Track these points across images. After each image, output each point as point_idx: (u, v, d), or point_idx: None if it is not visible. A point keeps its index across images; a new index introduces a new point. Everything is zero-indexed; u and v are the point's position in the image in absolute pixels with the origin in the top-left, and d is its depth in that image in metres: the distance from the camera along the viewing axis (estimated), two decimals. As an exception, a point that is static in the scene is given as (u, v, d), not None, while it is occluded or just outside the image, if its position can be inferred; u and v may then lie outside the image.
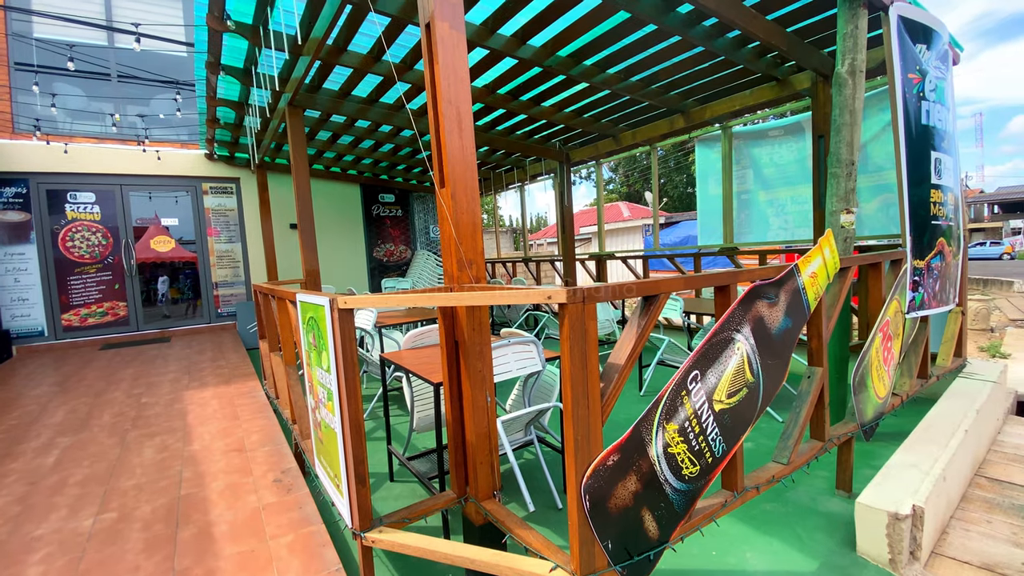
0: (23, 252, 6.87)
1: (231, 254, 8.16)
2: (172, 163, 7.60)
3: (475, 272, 1.93)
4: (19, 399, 4.61)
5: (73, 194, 7.13)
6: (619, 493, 1.55)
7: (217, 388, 4.66)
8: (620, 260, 7.17)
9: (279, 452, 3.15)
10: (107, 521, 2.41)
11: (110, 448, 3.32)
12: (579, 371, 1.40)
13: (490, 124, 5.91)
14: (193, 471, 2.91)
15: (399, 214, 9.56)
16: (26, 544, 2.25)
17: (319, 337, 2.00)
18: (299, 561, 2.04)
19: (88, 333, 7.24)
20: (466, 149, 1.92)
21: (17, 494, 2.73)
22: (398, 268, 9.58)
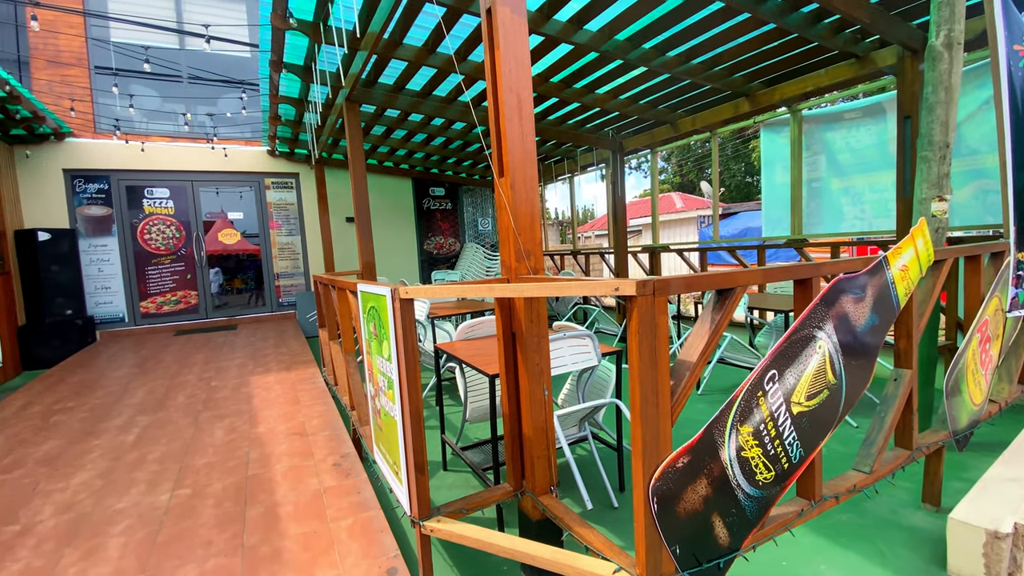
0: (106, 244, 7.45)
1: (291, 246, 8.52)
2: (237, 159, 8.01)
3: (533, 263, 1.89)
4: (103, 380, 5.01)
5: (150, 190, 7.66)
6: (689, 497, 1.47)
7: (279, 374, 4.88)
8: (676, 253, 6.92)
9: (338, 437, 3.25)
10: (182, 497, 2.56)
11: (184, 428, 3.53)
12: (648, 368, 1.33)
13: (542, 114, 5.83)
14: (259, 452, 3.05)
15: (448, 207, 9.66)
16: (108, 516, 2.42)
17: (380, 326, 2.02)
18: (359, 545, 2.08)
19: (163, 320, 7.78)
20: (526, 138, 1.87)
21: (101, 468, 2.95)
22: (447, 261, 9.70)
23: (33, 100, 5.67)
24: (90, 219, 7.34)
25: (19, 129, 6.22)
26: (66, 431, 3.56)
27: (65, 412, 4.00)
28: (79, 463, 3.01)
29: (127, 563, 2.04)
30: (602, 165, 7.82)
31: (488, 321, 3.57)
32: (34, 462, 3.06)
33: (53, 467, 2.98)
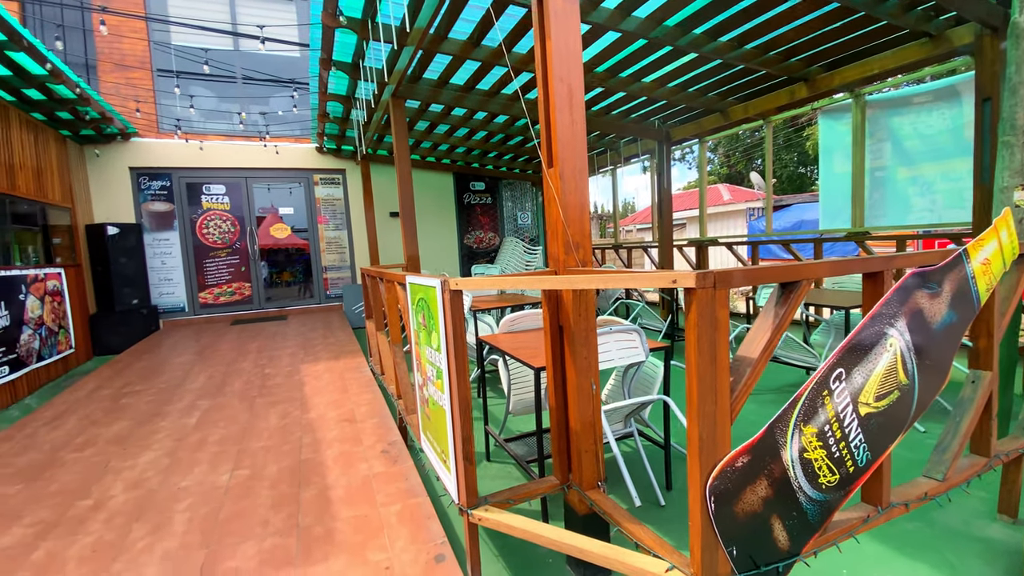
0: (168, 238, 7.90)
1: (338, 240, 8.79)
2: (288, 157, 8.31)
3: (582, 255, 1.86)
4: (166, 366, 5.32)
5: (207, 186, 8.06)
6: (747, 498, 1.41)
7: (328, 363, 5.04)
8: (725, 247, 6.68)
9: (385, 424, 3.33)
10: (241, 477, 2.69)
11: (241, 412, 3.71)
12: (707, 363, 1.28)
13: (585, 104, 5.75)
14: (311, 437, 3.17)
15: (488, 201, 9.70)
16: (174, 494, 2.57)
17: (429, 317, 2.05)
18: (407, 530, 2.13)
19: (220, 310, 8.20)
20: (576, 128, 1.84)
21: (166, 448, 3.13)
22: (487, 255, 9.75)
23: (101, 102, 6.05)
24: (154, 214, 7.80)
25: (88, 130, 6.66)
26: (134, 413, 3.81)
27: (133, 395, 4.28)
28: (146, 443, 3.22)
29: (191, 538, 2.16)
30: (646, 156, 7.64)
31: (531, 315, 3.57)
32: (105, 441, 3.29)
33: (123, 446, 3.20)
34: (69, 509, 2.43)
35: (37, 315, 5.26)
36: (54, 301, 5.67)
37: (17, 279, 4.96)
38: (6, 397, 4.59)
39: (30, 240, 5.76)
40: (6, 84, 4.75)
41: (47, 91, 5.10)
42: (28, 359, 4.99)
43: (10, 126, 5.20)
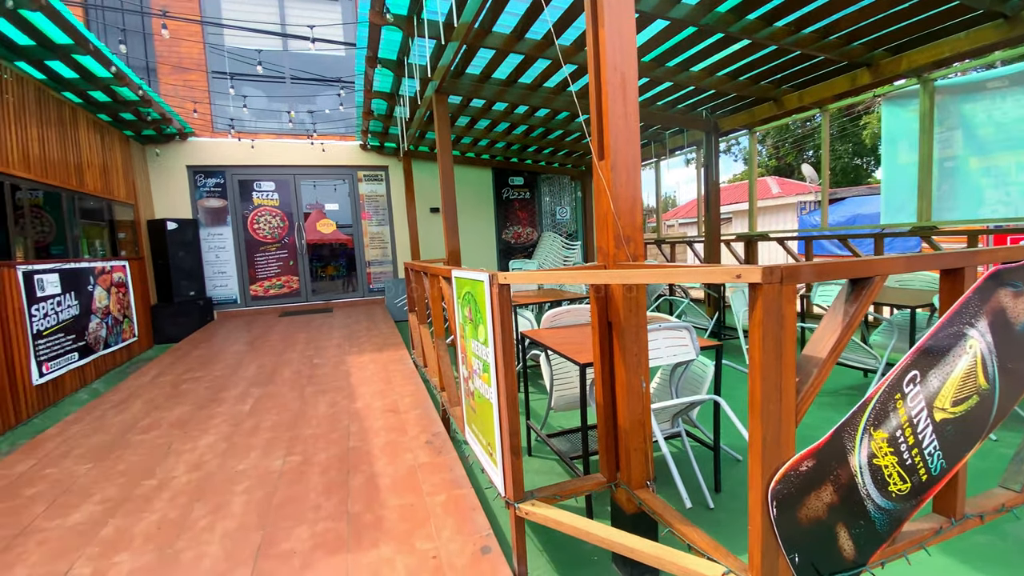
0: (221, 233, 8.27)
1: (381, 236, 8.98)
2: (333, 154, 8.54)
3: (633, 249, 1.81)
4: (221, 355, 5.58)
5: (258, 183, 8.38)
6: (811, 503, 1.35)
7: (372, 355, 5.16)
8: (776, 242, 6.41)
9: (428, 416, 3.38)
10: (293, 463, 2.79)
11: (292, 401, 3.85)
12: (772, 362, 1.23)
13: (628, 98, 5.64)
14: (358, 426, 3.25)
15: (527, 196, 9.68)
16: (231, 476, 2.68)
17: (476, 311, 2.06)
18: (453, 520, 2.15)
19: (269, 302, 8.53)
20: (629, 118, 1.79)
21: (223, 433, 3.28)
22: (524, 250, 9.74)
23: (161, 103, 6.37)
24: (209, 210, 8.18)
25: (150, 130, 7.04)
26: (193, 398, 4.01)
27: (192, 381, 4.51)
28: (204, 427, 3.38)
29: (248, 520, 2.25)
30: (691, 148, 7.42)
31: (573, 310, 3.53)
32: (167, 424, 3.48)
33: (183, 430, 3.37)
34: (135, 488, 2.58)
35: (104, 305, 5.62)
36: (119, 292, 6.04)
37: (86, 271, 5.31)
38: (76, 381, 4.93)
39: (97, 234, 6.15)
40: (74, 87, 5.07)
41: (111, 93, 5.41)
42: (96, 346, 5.34)
43: (78, 127, 5.56)
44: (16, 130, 4.35)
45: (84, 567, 1.96)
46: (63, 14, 3.74)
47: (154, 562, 1.98)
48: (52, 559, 2.01)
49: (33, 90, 4.66)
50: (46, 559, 2.02)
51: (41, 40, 4.06)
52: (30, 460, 2.98)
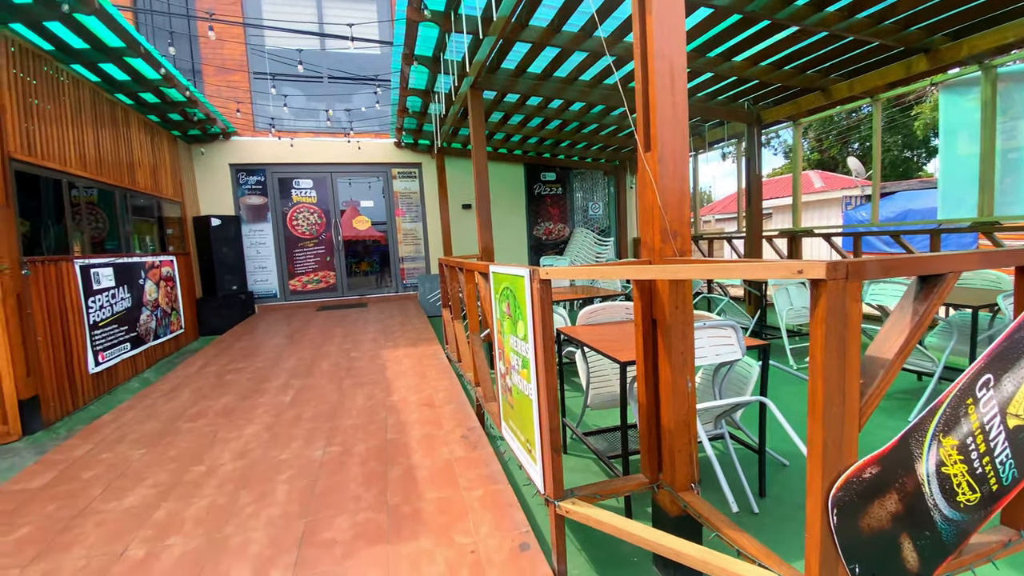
0: (262, 229, 8.53)
1: (414, 232, 9.09)
2: (369, 152, 8.68)
3: (680, 245, 1.76)
4: (262, 347, 5.75)
5: (297, 181, 8.60)
6: (874, 512, 1.28)
7: (407, 349, 5.23)
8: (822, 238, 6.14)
9: (463, 410, 3.39)
10: (333, 453, 2.85)
11: (331, 393, 3.93)
12: (835, 363, 1.16)
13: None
14: (395, 419, 3.29)
15: (558, 192, 9.61)
16: (274, 465, 2.75)
17: (515, 307, 2.04)
18: (491, 516, 2.14)
19: (307, 296, 8.76)
20: (678, 108, 1.74)
21: (266, 423, 3.38)
22: (556, 246, 9.68)
23: (207, 103, 6.60)
24: (250, 207, 8.45)
25: (195, 130, 7.31)
26: (237, 389, 4.15)
27: (235, 372, 4.66)
28: (248, 417, 3.49)
29: (292, 508, 2.31)
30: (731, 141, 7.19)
31: (608, 307, 3.48)
32: (214, 413, 3.61)
33: (229, 419, 3.49)
34: (185, 474, 2.68)
35: (154, 298, 5.87)
36: (167, 285, 6.30)
37: (137, 265, 5.56)
38: (128, 370, 5.17)
39: (147, 230, 6.43)
40: (125, 88, 5.29)
41: (160, 94, 5.63)
42: (146, 337, 5.59)
43: (130, 127, 5.81)
44: (73, 131, 4.58)
45: (138, 549, 2.04)
46: (116, 18, 3.91)
47: (204, 546, 2.04)
48: (108, 540, 2.11)
49: (88, 92, 4.89)
50: (103, 540, 2.11)
51: (95, 43, 4.25)
52: (87, 445, 3.14)
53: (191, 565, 1.92)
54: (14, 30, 3.75)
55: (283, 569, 1.88)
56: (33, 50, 4.02)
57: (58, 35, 4.01)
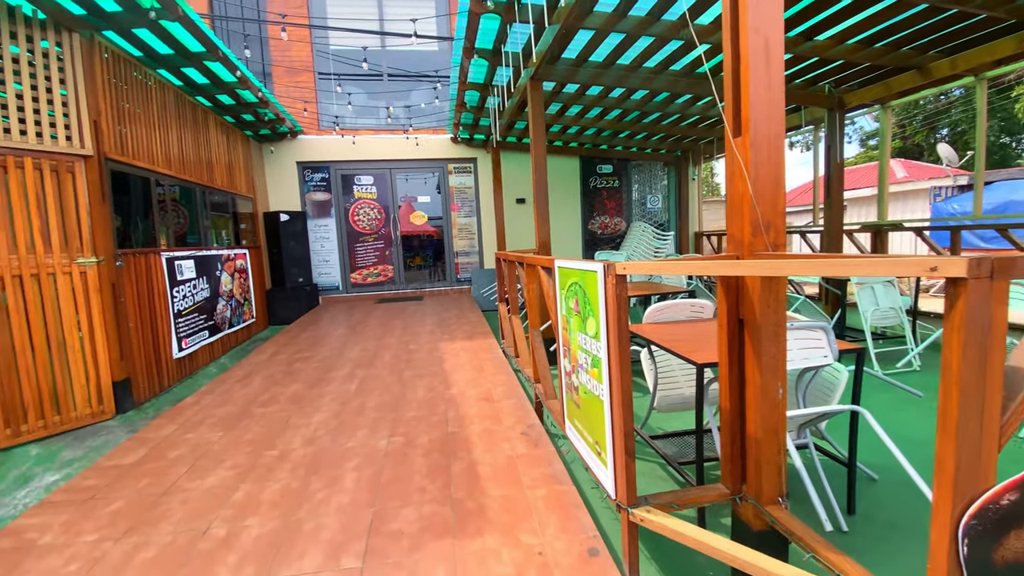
0: (326, 224, 8.86)
1: (468, 227, 9.16)
2: (426, 148, 8.81)
3: (773, 238, 1.62)
4: (327, 337, 5.97)
5: (358, 177, 8.86)
6: (1010, 543, 1.11)
7: (463, 343, 5.26)
8: (913, 232, 5.62)
9: (522, 406, 3.35)
10: (397, 444, 2.89)
11: (392, 384, 4.01)
12: (975, 374, 1.01)
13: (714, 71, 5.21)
14: (455, 413, 3.30)
15: (615, 185, 9.36)
16: (342, 452, 2.83)
17: (585, 303, 1.96)
18: (556, 518, 2.09)
19: (367, 289, 9.04)
20: (773, 87, 1.59)
21: (333, 411, 3.48)
22: (611, 241, 9.45)
23: (277, 104, 6.90)
24: (315, 203, 8.80)
25: (266, 129, 7.68)
26: (305, 377, 4.32)
27: (303, 361, 4.86)
28: (316, 404, 3.62)
29: (360, 496, 2.35)
30: (806, 128, 6.72)
31: (673, 305, 3.32)
32: (285, 399, 3.77)
33: (298, 405, 3.63)
34: (260, 457, 2.80)
35: (229, 289, 6.23)
36: (241, 277, 6.67)
37: (214, 258, 5.91)
38: (207, 356, 5.51)
39: (223, 225, 6.83)
40: (205, 91, 5.61)
41: (235, 96, 5.93)
42: (223, 325, 5.94)
43: (208, 128, 6.17)
44: (160, 132, 4.91)
45: (220, 528, 2.14)
46: (197, 24, 4.13)
47: (279, 528, 2.12)
48: (193, 518, 2.23)
49: (172, 95, 5.22)
50: (188, 517, 2.24)
51: (178, 48, 4.52)
52: (172, 425, 3.35)
53: (268, 547, 1.99)
54: (107, 37, 4.04)
55: (354, 556, 1.91)
56: (124, 56, 4.32)
57: (146, 41, 4.29)
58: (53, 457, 3.19)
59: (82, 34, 3.73)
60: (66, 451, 3.29)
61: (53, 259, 3.60)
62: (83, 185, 3.78)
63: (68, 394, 3.66)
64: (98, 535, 2.12)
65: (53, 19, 3.54)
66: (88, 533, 2.14)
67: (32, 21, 3.47)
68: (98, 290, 3.83)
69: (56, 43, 3.60)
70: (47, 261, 3.56)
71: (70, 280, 3.68)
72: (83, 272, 3.76)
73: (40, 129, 3.54)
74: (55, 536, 2.13)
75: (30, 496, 2.69)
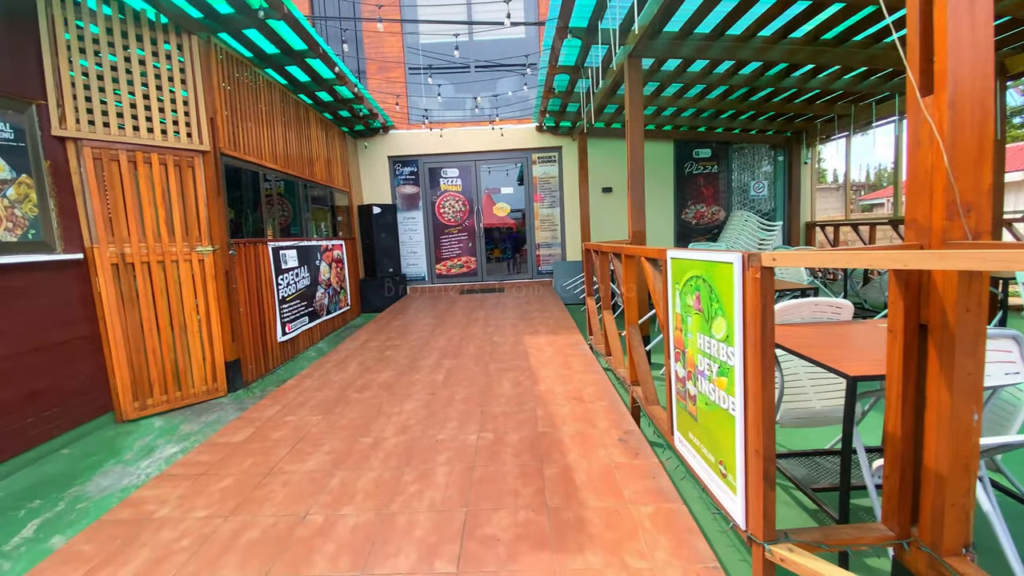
0: (414, 217, 9.08)
1: (551, 218, 8.96)
2: (511, 138, 8.70)
3: (975, 223, 1.26)
4: (415, 326, 6.08)
5: (444, 170, 8.98)
6: None
7: (547, 337, 5.10)
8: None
9: (616, 410, 3.12)
10: (487, 440, 2.78)
11: (478, 375, 3.94)
12: None
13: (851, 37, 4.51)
14: (544, 411, 3.14)
15: (714, 171, 8.66)
16: (433, 445, 2.77)
17: (711, 300, 1.70)
18: (666, 540, 1.86)
19: (451, 280, 9.17)
20: (979, 30, 1.23)
21: (423, 400, 3.47)
22: (707, 232, 8.79)
23: (371, 100, 7.12)
24: (405, 196, 9.06)
25: (360, 125, 7.98)
26: (395, 365, 4.38)
27: (393, 349, 4.95)
28: (407, 392, 3.63)
29: (452, 492, 2.27)
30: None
31: (802, 305, 2.90)
32: (377, 386, 3.82)
33: (390, 392, 3.66)
34: (355, 444, 2.83)
35: (327, 278, 6.55)
36: (337, 267, 7.00)
37: (314, 248, 6.22)
38: (307, 341, 5.83)
39: (322, 217, 7.19)
40: (306, 88, 5.88)
41: (333, 93, 6.17)
42: (321, 312, 6.26)
43: (309, 125, 6.48)
44: (267, 128, 5.20)
45: (318, 514, 2.15)
46: (300, 21, 4.28)
47: (373, 521, 2.08)
48: (293, 502, 2.26)
49: (278, 93, 5.52)
50: (289, 500, 2.28)
51: (283, 47, 4.73)
52: (276, 406, 3.51)
53: (363, 540, 1.96)
54: (222, 39, 4.30)
55: (448, 560, 1.82)
56: (237, 57, 4.60)
57: (255, 41, 4.53)
58: (174, 430, 3.47)
59: (200, 37, 4.00)
60: (184, 425, 3.56)
61: (176, 247, 3.91)
62: (201, 178, 4.07)
63: (188, 372, 3.98)
64: (208, 511, 2.22)
65: (174, 23, 3.81)
66: (200, 509, 2.24)
67: (156, 25, 3.75)
68: (213, 276, 4.13)
69: (177, 46, 3.89)
70: (171, 249, 3.88)
71: (190, 267, 3.99)
72: (201, 260, 4.05)
73: (164, 127, 3.85)
74: (170, 509, 2.26)
75: (152, 467, 2.92)
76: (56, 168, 3.35)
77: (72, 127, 3.40)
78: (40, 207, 3.25)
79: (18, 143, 3.15)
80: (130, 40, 3.65)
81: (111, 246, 3.58)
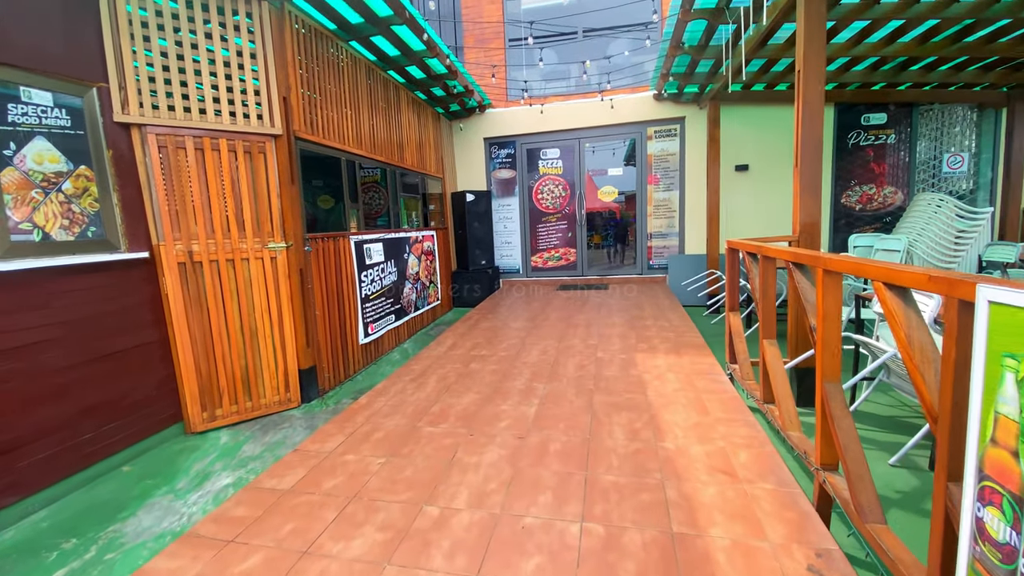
0: (509, 204, 8.33)
1: (668, 203, 7.67)
2: (621, 111, 7.54)
3: None
4: (505, 330, 5.33)
5: (544, 151, 8.09)
6: None
7: (667, 356, 4.06)
8: None
9: (792, 499, 2.07)
10: (594, 537, 1.92)
11: (580, 412, 3.06)
12: None
13: None
14: (677, 491, 2.19)
15: (890, 140, 6.72)
16: (516, 535, 1.97)
17: None
18: None
19: (547, 274, 8.33)
20: None
21: (510, 448, 2.67)
22: (877, 220, 6.91)
23: (466, 74, 6.42)
24: (500, 181, 8.33)
25: (455, 104, 7.34)
26: (480, 385, 3.66)
27: (480, 361, 4.25)
28: (490, 432, 2.88)
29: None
30: None
31: None
32: (455, 417, 3.12)
33: (469, 428, 2.94)
34: (415, 517, 2.12)
35: (415, 271, 6.05)
36: (427, 259, 6.49)
37: (403, 240, 5.72)
38: (392, 341, 5.36)
39: (413, 206, 6.71)
40: (395, 64, 5.29)
41: (424, 67, 5.52)
42: (408, 309, 5.77)
43: (400, 105, 5.94)
44: (351, 110, 4.69)
45: (347, 656, 1.45)
46: (383, -21, 3.63)
47: None
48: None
49: (364, 70, 4.99)
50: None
51: (368, 15, 4.13)
52: (339, 436, 2.95)
53: None
54: (297, 6, 3.78)
55: None
56: (316, 27, 4.09)
57: (335, 8, 3.97)
58: (235, 452, 3.08)
59: (272, 3, 3.50)
60: (247, 445, 3.16)
61: (247, 243, 3.50)
62: (273, 165, 3.61)
63: (259, 380, 3.60)
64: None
65: (241, -13, 3.33)
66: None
67: (222, -10, 3.30)
68: (287, 276, 3.69)
69: (247, 14, 3.41)
70: (241, 246, 3.48)
71: (261, 265, 3.57)
72: (273, 257, 3.63)
73: (233, 108, 3.41)
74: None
75: (197, 504, 2.51)
76: (118, 158, 3.02)
77: (135, 112, 3.05)
78: (101, 201, 2.94)
79: (76, 131, 2.83)
80: (196, 11, 3.23)
81: (178, 243, 3.24)
